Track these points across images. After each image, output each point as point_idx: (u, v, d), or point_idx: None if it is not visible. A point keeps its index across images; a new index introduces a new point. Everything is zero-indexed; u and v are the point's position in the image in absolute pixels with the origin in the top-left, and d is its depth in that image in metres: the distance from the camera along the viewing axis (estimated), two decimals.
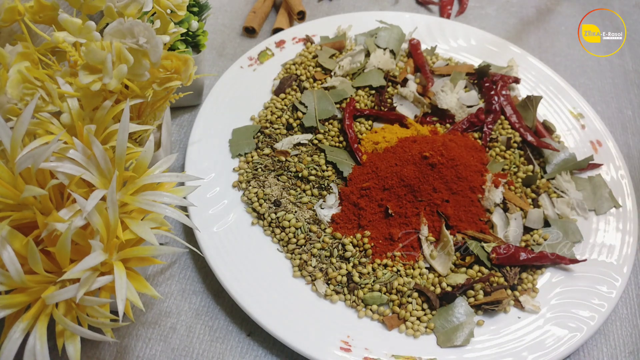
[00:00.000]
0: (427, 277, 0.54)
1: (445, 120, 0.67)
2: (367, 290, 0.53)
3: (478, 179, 0.59)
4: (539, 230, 0.58)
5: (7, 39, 0.48)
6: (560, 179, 0.62)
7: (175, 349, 0.50)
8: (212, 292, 0.54)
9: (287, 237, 0.56)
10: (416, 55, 0.73)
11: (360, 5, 0.87)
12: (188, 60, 0.46)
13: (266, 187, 0.59)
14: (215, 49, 0.78)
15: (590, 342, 0.54)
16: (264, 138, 0.64)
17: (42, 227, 0.36)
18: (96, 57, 0.38)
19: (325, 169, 0.61)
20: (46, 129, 0.39)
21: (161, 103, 0.50)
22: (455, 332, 0.50)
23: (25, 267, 0.35)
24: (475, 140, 0.65)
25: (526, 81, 0.73)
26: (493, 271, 0.54)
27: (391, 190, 0.57)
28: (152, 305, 0.53)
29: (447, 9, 0.86)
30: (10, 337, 0.35)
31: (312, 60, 0.72)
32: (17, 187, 0.36)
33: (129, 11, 0.44)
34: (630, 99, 0.77)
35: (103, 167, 0.38)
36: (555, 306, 0.53)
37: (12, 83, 0.38)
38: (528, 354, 0.49)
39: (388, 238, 0.55)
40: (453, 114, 0.67)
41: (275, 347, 0.51)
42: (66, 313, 0.36)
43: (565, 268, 0.56)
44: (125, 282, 0.36)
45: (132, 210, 0.40)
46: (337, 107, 0.67)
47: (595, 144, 0.67)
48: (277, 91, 0.69)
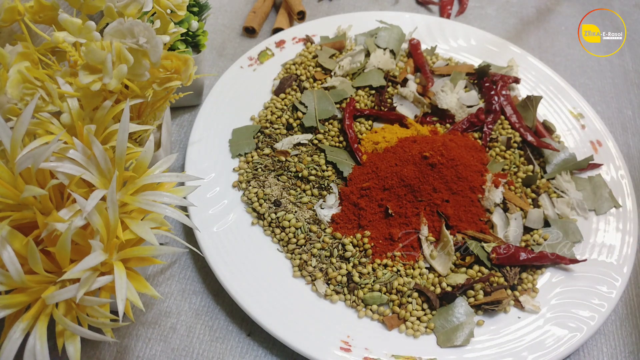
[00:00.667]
0: (427, 277, 0.54)
1: (445, 120, 0.67)
2: (367, 290, 0.53)
3: (478, 179, 0.59)
4: (539, 230, 0.58)
5: (7, 39, 0.48)
6: (560, 179, 0.62)
7: (175, 349, 0.50)
8: (212, 292, 0.54)
9: (287, 237, 0.56)
10: (416, 55, 0.73)
11: (360, 5, 0.87)
12: (188, 60, 0.46)
13: (266, 187, 0.59)
14: (215, 49, 0.78)
15: (590, 342, 0.54)
16: (264, 138, 0.64)
17: (42, 227, 0.36)
18: (96, 57, 0.38)
19: (325, 169, 0.61)
20: (46, 129, 0.39)
21: (161, 103, 0.50)
22: (455, 332, 0.50)
23: (25, 267, 0.35)
24: (475, 140, 0.65)
25: (526, 81, 0.73)
26: (493, 271, 0.54)
27: (391, 190, 0.57)
28: (152, 305, 0.53)
29: (447, 9, 0.86)
30: (10, 337, 0.35)
31: (312, 60, 0.72)
32: (17, 187, 0.36)
33: (129, 11, 0.44)
34: (630, 99, 0.77)
35: (103, 167, 0.38)
36: (555, 306, 0.53)
37: (12, 83, 0.38)
38: (528, 354, 0.49)
39: (388, 238, 0.55)
40: (453, 114, 0.67)
41: (275, 347, 0.51)
42: (66, 313, 0.36)
43: (565, 268, 0.56)
44: (125, 282, 0.36)
45: (132, 210, 0.40)
46: (337, 107, 0.67)
47: (595, 144, 0.67)
48: (277, 91, 0.69)
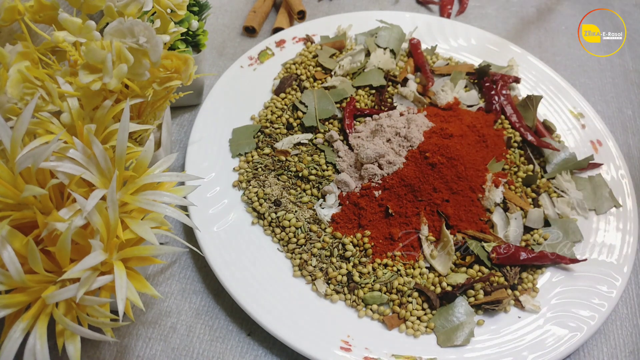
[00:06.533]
0: (427, 277, 0.54)
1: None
2: (367, 289, 0.53)
3: (478, 178, 0.59)
4: (539, 230, 0.58)
5: (7, 39, 0.48)
6: (560, 178, 0.62)
7: (176, 349, 0.50)
8: (212, 292, 0.54)
9: (287, 236, 0.56)
10: (416, 54, 0.73)
11: (360, 5, 0.87)
12: (188, 59, 0.46)
13: (266, 187, 0.59)
14: (216, 49, 0.78)
15: (591, 342, 0.54)
16: (264, 138, 0.64)
17: (42, 227, 0.36)
18: (96, 57, 0.38)
19: (325, 168, 0.61)
20: (46, 128, 0.39)
21: (161, 102, 0.50)
22: (456, 331, 0.50)
23: (25, 267, 0.35)
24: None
25: (526, 81, 0.73)
26: (493, 271, 0.54)
27: (391, 190, 0.57)
28: (152, 304, 0.53)
29: (448, 8, 0.86)
30: (10, 337, 0.35)
31: (312, 59, 0.72)
32: (17, 186, 0.36)
33: (129, 11, 0.44)
34: (630, 99, 0.77)
35: (103, 166, 0.38)
36: (555, 306, 0.53)
37: (12, 82, 0.38)
38: (528, 354, 0.49)
39: (388, 238, 0.55)
40: None
41: (275, 347, 0.51)
42: (66, 313, 0.36)
43: (566, 268, 0.56)
44: (125, 282, 0.36)
45: (132, 209, 0.40)
46: (337, 107, 0.67)
47: (596, 143, 0.67)
48: (277, 91, 0.69)
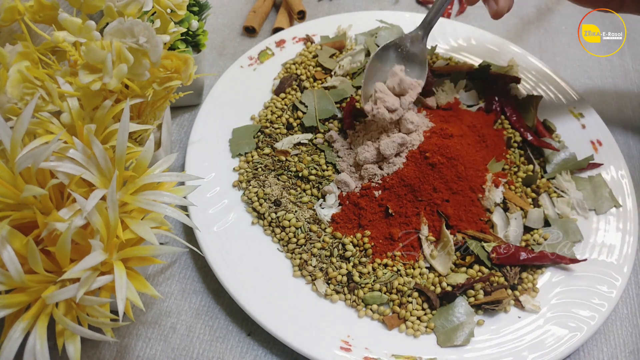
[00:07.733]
0: (427, 277, 0.54)
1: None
2: (367, 289, 0.53)
3: (478, 178, 0.59)
4: (539, 230, 0.58)
5: (7, 39, 0.48)
6: (560, 178, 0.62)
7: (176, 349, 0.50)
8: (212, 292, 0.54)
9: (287, 236, 0.56)
10: None
11: (360, 5, 0.87)
12: (188, 59, 0.46)
13: (266, 187, 0.59)
14: (216, 49, 0.78)
15: (591, 342, 0.53)
16: (264, 138, 0.64)
17: (42, 227, 0.36)
18: (96, 57, 0.38)
19: (325, 168, 0.61)
20: (46, 128, 0.39)
21: (161, 103, 0.50)
22: (456, 331, 0.50)
23: (25, 267, 0.35)
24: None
25: (526, 81, 0.73)
26: (493, 271, 0.54)
27: (391, 190, 0.57)
28: (152, 304, 0.53)
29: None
30: (10, 337, 0.34)
31: (312, 59, 0.72)
32: (17, 186, 0.36)
33: (129, 10, 0.44)
34: (630, 99, 0.77)
35: (103, 166, 0.38)
36: (555, 306, 0.53)
37: (12, 83, 0.38)
38: (528, 354, 0.49)
39: (388, 238, 0.55)
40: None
41: (275, 347, 0.51)
42: (66, 313, 0.36)
43: (566, 268, 0.56)
44: (125, 282, 0.36)
45: (132, 209, 0.40)
46: (337, 107, 0.67)
47: (596, 143, 0.67)
48: (277, 91, 0.69)
